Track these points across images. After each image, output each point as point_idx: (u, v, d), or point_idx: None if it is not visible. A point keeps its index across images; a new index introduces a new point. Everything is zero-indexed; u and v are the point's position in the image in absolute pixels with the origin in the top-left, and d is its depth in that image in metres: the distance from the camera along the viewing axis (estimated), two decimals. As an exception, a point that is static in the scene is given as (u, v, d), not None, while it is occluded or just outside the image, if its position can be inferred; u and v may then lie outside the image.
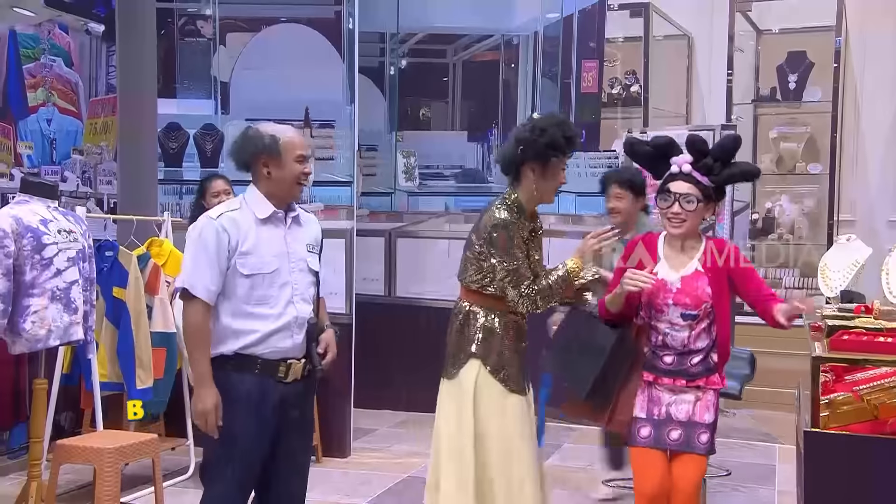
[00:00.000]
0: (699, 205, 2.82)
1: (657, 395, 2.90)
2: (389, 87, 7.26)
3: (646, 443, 2.88)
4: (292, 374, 2.80)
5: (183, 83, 6.35)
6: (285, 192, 2.82)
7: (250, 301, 2.75)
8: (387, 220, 6.90)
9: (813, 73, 6.76)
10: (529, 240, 3.04)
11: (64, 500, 3.95)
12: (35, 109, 4.99)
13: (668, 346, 2.88)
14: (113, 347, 4.34)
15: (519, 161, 2.98)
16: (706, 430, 2.83)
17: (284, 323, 2.78)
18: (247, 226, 2.77)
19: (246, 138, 2.82)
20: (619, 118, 7.33)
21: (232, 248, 2.74)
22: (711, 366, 2.87)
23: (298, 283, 2.82)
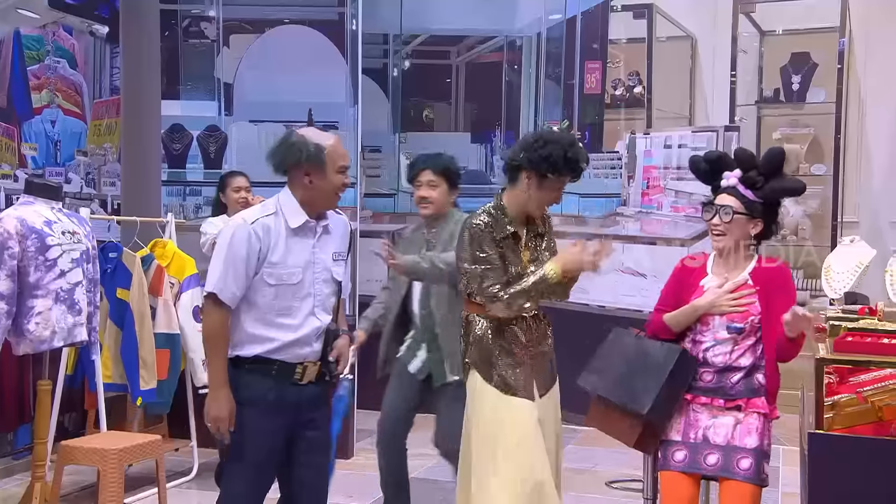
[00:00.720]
0: (739, 217, 2.77)
1: (695, 417, 2.81)
2: (392, 88, 7.26)
3: (680, 467, 2.78)
4: (307, 376, 2.79)
5: (186, 85, 6.35)
6: (323, 202, 2.80)
7: (273, 310, 2.74)
8: (390, 221, 6.90)
9: (816, 74, 6.75)
10: (511, 243, 2.97)
11: (68, 501, 3.97)
12: (39, 111, 5.01)
13: (708, 362, 2.81)
14: (117, 349, 4.35)
15: (516, 165, 2.96)
16: (747, 455, 2.70)
17: (305, 334, 2.77)
18: (278, 234, 2.74)
19: (290, 145, 2.76)
20: (622, 119, 7.32)
21: (262, 255, 2.71)
22: (755, 387, 2.78)
23: (321, 293, 2.81)
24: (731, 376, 2.78)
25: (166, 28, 5.95)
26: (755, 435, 2.73)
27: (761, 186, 2.80)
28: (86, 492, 4.20)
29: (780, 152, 2.86)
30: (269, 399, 2.75)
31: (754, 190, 2.80)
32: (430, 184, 3.49)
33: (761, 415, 2.75)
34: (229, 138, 6.22)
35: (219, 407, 2.71)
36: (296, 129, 2.86)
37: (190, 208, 6.13)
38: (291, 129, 2.87)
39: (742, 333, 2.77)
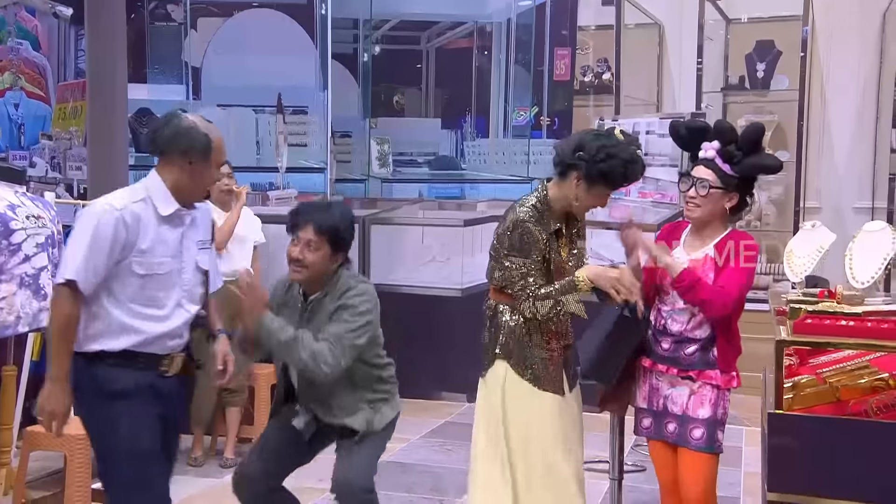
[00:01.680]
0: (714, 191, 2.77)
1: (656, 384, 2.88)
2: (363, 73, 7.23)
3: (647, 434, 2.90)
4: (174, 368, 2.68)
5: (154, 68, 6.29)
6: (196, 193, 2.67)
7: (139, 301, 2.58)
8: (361, 207, 6.88)
9: (781, 61, 6.83)
10: (554, 239, 2.93)
11: (34, 486, 3.90)
12: (2, 94, 4.93)
13: (667, 331, 2.85)
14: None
15: (570, 165, 2.85)
16: (700, 426, 2.77)
17: (174, 326, 2.65)
18: (147, 222, 2.57)
19: (182, 129, 2.60)
20: (591, 105, 7.36)
21: (129, 243, 2.54)
22: (710, 360, 2.79)
23: (188, 283, 2.69)
24: (687, 347, 2.81)
25: (132, 10, 5.87)
26: (708, 406, 2.78)
27: (739, 161, 2.79)
28: (52, 478, 4.13)
29: (759, 128, 2.86)
30: (139, 390, 2.60)
31: (732, 164, 2.79)
32: (309, 244, 2.84)
33: (714, 386, 2.80)
34: (198, 123, 6.15)
35: (58, 401, 2.54)
36: (185, 114, 2.68)
37: (158, 193, 6.08)
38: (179, 112, 2.69)
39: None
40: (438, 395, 6.17)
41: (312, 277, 2.87)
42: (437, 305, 6.11)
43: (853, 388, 2.63)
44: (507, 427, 2.94)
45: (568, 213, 2.97)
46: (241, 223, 4.74)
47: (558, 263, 2.93)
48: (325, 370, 2.78)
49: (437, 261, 6.37)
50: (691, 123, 3.00)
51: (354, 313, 2.86)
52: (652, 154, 5.72)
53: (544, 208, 2.90)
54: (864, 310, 2.76)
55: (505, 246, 2.89)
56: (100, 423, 2.63)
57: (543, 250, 2.88)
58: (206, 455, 4.69)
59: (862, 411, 2.59)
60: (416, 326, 6.06)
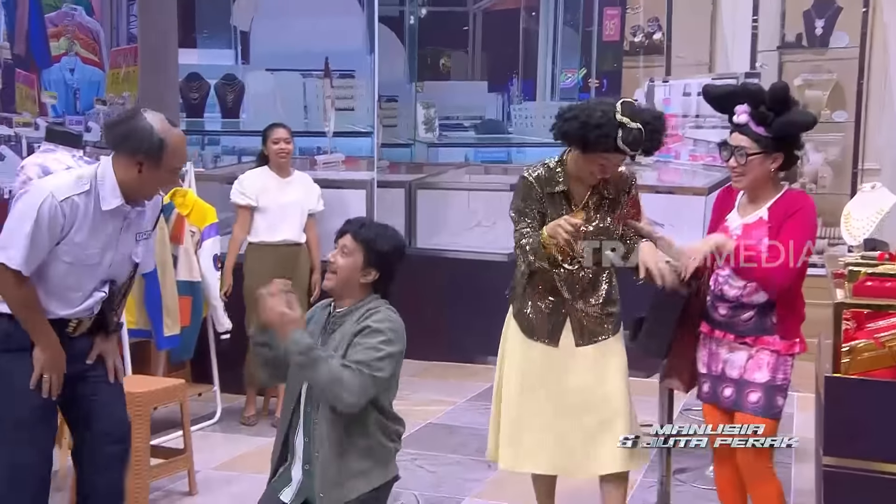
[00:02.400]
0: (753, 157, 2.70)
1: (716, 350, 2.84)
2: (409, 36, 7.19)
3: (705, 398, 2.88)
4: (80, 329, 2.69)
5: (203, 33, 6.32)
6: (144, 193, 2.63)
7: (62, 286, 2.60)
8: (407, 171, 6.90)
9: (841, 17, 6.59)
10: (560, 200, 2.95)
11: (96, 442, 4.02)
12: (58, 59, 5.00)
13: (724, 296, 2.79)
14: (140, 296, 4.37)
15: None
16: (756, 390, 2.72)
17: (88, 304, 2.66)
18: (86, 214, 2.55)
19: (134, 128, 2.55)
20: (640, 67, 7.20)
21: (63, 233, 2.53)
22: (768, 326, 2.73)
23: (114, 273, 2.70)
24: (743, 313, 2.76)
25: (182, -25, 5.91)
26: (766, 370, 2.73)
27: (771, 122, 2.71)
28: (113, 434, 4.27)
29: (782, 86, 2.78)
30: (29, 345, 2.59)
31: (766, 126, 2.71)
32: (343, 249, 2.69)
33: (773, 351, 2.73)
34: (246, 87, 6.20)
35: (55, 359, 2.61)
36: (146, 114, 2.60)
37: (209, 157, 6.16)
38: (141, 111, 2.62)
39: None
40: (483, 360, 6.19)
41: (340, 284, 2.71)
42: (482, 270, 6.11)
43: (913, 353, 2.59)
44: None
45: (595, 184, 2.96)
46: (295, 190, 4.75)
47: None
48: (347, 399, 2.53)
49: (483, 225, 6.38)
50: (719, 89, 2.92)
51: (382, 340, 2.61)
52: (703, 116, 5.63)
53: (557, 169, 2.96)
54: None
55: (511, 201, 3.04)
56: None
57: (538, 206, 2.94)
58: (258, 415, 4.80)
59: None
60: (462, 291, 6.08)
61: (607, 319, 3.03)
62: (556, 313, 3.01)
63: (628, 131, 2.76)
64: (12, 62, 4.68)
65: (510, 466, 3.09)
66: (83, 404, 2.74)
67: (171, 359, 4.73)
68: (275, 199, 4.68)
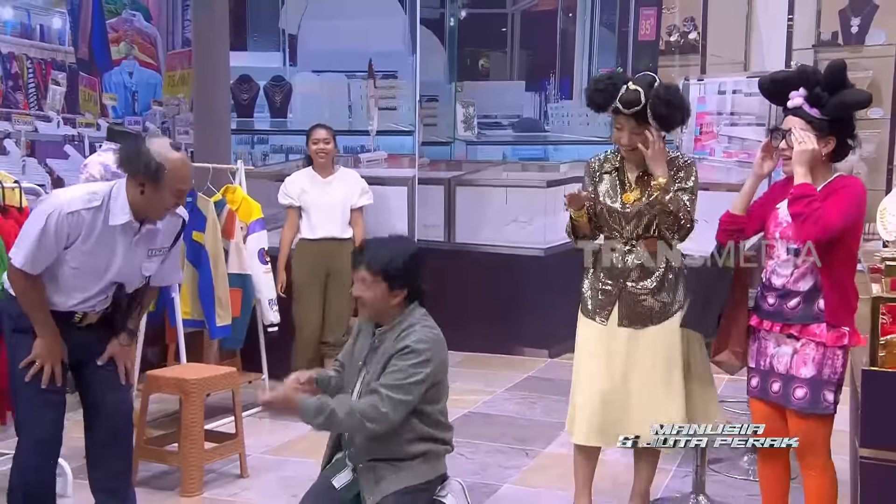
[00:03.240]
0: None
1: (764, 344, 2.76)
2: (449, 37, 7.17)
3: (754, 393, 2.80)
4: (88, 320, 2.81)
5: (253, 36, 6.38)
6: (151, 214, 2.75)
7: (70, 285, 2.74)
8: (446, 168, 6.89)
9: (877, 15, 6.45)
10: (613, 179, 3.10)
11: (153, 426, 4.09)
12: (118, 62, 5.08)
13: (771, 285, 2.71)
14: (194, 288, 4.44)
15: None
16: (802, 385, 2.64)
17: (94, 304, 2.79)
18: (93, 227, 2.69)
19: (136, 152, 2.71)
20: (676, 66, 7.12)
21: (70, 241, 2.68)
22: (814, 313, 2.63)
23: (122, 279, 2.80)
24: (790, 300, 2.68)
25: (233, -19, 5.98)
26: (811, 365, 2.64)
27: (826, 103, 2.62)
28: (169, 419, 4.33)
29: (840, 64, 2.67)
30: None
31: (821, 108, 2.62)
32: (364, 281, 2.65)
33: (819, 344, 2.64)
34: (293, 88, 6.25)
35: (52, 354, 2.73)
36: (152, 138, 2.81)
37: (258, 156, 6.22)
38: (145, 137, 2.84)
39: (799, 255, 2.65)
40: (521, 351, 6.20)
41: (374, 314, 2.71)
42: (520, 264, 6.11)
43: (950, 347, 2.53)
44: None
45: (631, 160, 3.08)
46: (335, 189, 4.77)
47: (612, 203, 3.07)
48: (375, 429, 2.57)
49: (520, 221, 6.36)
50: (775, 75, 2.84)
51: (418, 363, 2.59)
52: (738, 113, 5.53)
53: (615, 152, 3.13)
54: (963, 267, 2.64)
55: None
56: (9, 352, 2.80)
57: (593, 185, 3.12)
58: (305, 402, 4.85)
59: (960, 369, 2.50)
60: (500, 285, 6.08)
61: (656, 305, 3.03)
62: (608, 294, 3.05)
63: (629, 92, 2.93)
64: (76, 66, 4.78)
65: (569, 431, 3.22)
66: (88, 386, 2.88)
67: (222, 348, 4.80)
68: (315, 198, 4.72)
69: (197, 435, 3.56)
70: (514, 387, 5.34)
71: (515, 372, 5.67)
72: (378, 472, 2.66)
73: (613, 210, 3.06)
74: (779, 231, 2.71)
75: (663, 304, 3.04)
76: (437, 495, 2.81)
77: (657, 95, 2.93)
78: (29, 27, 4.53)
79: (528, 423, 4.60)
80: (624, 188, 3.06)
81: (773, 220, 2.75)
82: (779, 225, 2.72)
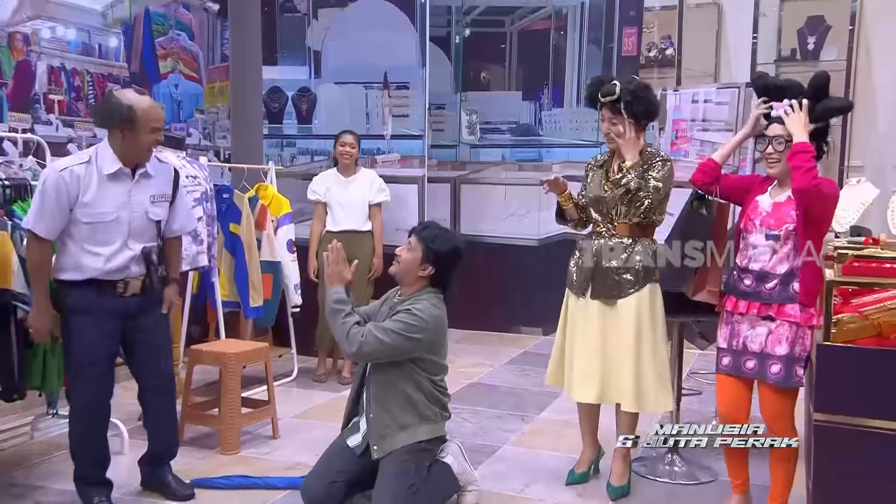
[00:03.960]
0: (790, 143, 2.60)
1: (737, 327, 2.73)
2: (455, 53, 7.16)
3: (725, 370, 2.76)
4: (130, 290, 2.80)
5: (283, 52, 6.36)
6: (135, 155, 2.75)
7: (90, 242, 2.72)
8: (452, 168, 6.89)
9: (830, 34, 6.45)
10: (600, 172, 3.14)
11: (197, 393, 4.11)
12: (165, 76, 5.08)
13: (749, 268, 2.69)
14: (231, 273, 4.47)
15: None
16: (777, 362, 2.62)
17: (122, 262, 2.77)
18: (89, 179, 2.69)
19: (108, 104, 2.74)
20: (655, 78, 7.09)
21: (72, 198, 2.67)
22: (790, 294, 2.62)
23: (137, 229, 2.78)
24: (768, 282, 2.65)
25: (266, 4, 5.94)
26: (785, 343, 2.63)
27: (812, 110, 2.61)
28: (210, 387, 4.36)
29: (825, 76, 2.67)
30: (93, 307, 2.75)
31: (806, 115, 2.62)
32: (409, 245, 2.85)
33: (792, 324, 2.63)
34: (318, 98, 6.24)
35: (42, 321, 2.76)
36: (116, 91, 2.79)
37: (287, 157, 6.21)
38: (113, 91, 2.78)
39: (779, 241, 2.64)
40: (518, 329, 6.21)
41: (401, 272, 2.84)
42: (517, 253, 6.12)
43: (893, 324, 2.53)
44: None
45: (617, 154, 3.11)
46: (356, 187, 4.77)
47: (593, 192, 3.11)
48: (346, 349, 2.72)
49: (517, 215, 6.36)
50: (769, 80, 2.82)
51: (412, 326, 2.70)
52: (709, 120, 5.51)
53: (606, 152, 3.18)
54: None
55: None
56: (64, 332, 2.82)
57: (585, 180, 3.18)
58: (328, 374, 4.87)
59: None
60: (500, 271, 6.09)
61: (624, 282, 3.03)
62: (588, 271, 3.07)
63: (608, 85, 3.01)
64: (129, 79, 4.79)
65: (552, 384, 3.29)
66: (135, 353, 2.91)
67: (255, 326, 4.82)
68: (338, 196, 4.73)
69: (234, 401, 3.59)
70: (512, 361, 5.35)
71: (513, 348, 5.68)
72: (385, 431, 2.75)
73: (598, 197, 3.08)
74: (759, 219, 2.69)
75: (630, 281, 3.04)
76: (438, 455, 2.86)
77: (628, 89, 2.99)
78: (89, 46, 4.54)
79: (524, 392, 4.61)
80: (608, 177, 3.08)
81: (752, 209, 2.73)
82: (759, 214, 2.70)
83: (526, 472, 3.38)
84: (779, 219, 2.65)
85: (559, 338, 3.19)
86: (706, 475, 3.30)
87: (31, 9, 4.19)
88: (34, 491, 3.10)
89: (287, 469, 3.37)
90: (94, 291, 2.75)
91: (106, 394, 2.85)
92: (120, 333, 2.84)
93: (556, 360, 3.22)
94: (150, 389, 2.97)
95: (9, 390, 3.04)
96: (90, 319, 2.76)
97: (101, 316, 2.77)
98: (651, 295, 3.03)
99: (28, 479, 3.22)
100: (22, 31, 4.14)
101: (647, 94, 3.03)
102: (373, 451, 2.77)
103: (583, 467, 3.26)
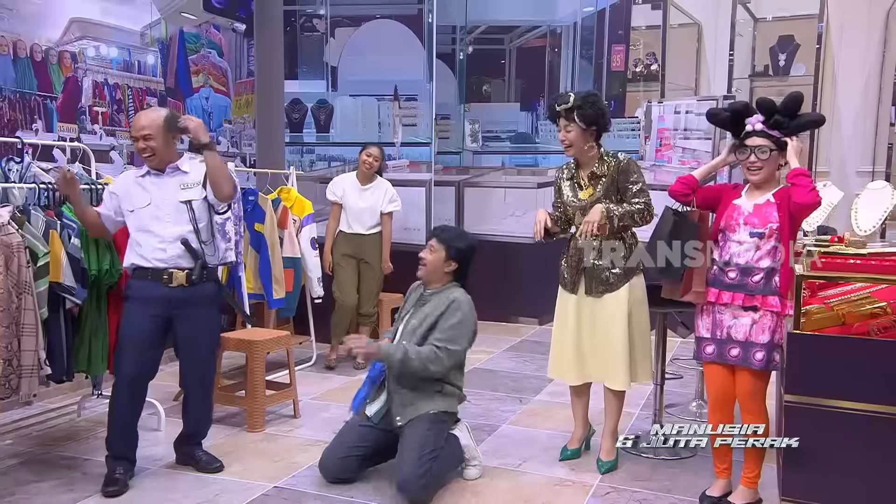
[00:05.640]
0: (773, 153, 2.63)
1: (720, 318, 2.70)
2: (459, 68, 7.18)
3: (710, 358, 2.73)
4: (176, 280, 2.87)
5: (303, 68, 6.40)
6: (148, 161, 2.93)
7: (136, 229, 2.91)
8: (457, 173, 6.91)
9: (799, 52, 6.48)
10: (571, 183, 3.07)
11: (225, 377, 4.12)
12: (197, 90, 5.09)
13: (733, 262, 2.65)
14: (255, 268, 4.45)
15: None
16: (761, 350, 2.60)
17: (158, 241, 2.87)
18: (126, 181, 2.98)
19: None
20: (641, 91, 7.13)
21: (117, 196, 2.95)
22: (773, 287, 2.59)
23: (170, 212, 2.89)
24: (753, 275, 2.64)
25: (288, 24, 5.98)
26: (767, 332, 2.62)
27: (787, 126, 2.63)
28: (237, 371, 4.37)
29: (799, 95, 2.68)
30: (141, 295, 2.87)
31: (780, 130, 2.64)
32: (431, 247, 2.94)
33: (774, 313, 2.62)
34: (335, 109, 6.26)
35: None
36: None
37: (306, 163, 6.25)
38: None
39: (763, 238, 2.62)
40: (516, 319, 6.22)
41: (429, 273, 2.94)
42: (515, 250, 6.12)
43: (856, 314, 2.55)
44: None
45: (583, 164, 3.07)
46: (370, 196, 4.73)
47: (568, 201, 3.06)
48: (433, 369, 2.78)
49: (515, 215, 6.37)
50: (735, 105, 2.78)
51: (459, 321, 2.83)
52: (690, 129, 5.52)
53: (569, 162, 3.10)
54: (867, 251, 2.65)
55: None
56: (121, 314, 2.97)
57: (557, 192, 3.11)
58: (338, 360, 4.86)
59: (865, 332, 2.51)
60: (500, 266, 6.09)
61: (611, 278, 3.02)
62: (576, 270, 3.05)
63: (563, 95, 2.96)
64: (165, 93, 4.81)
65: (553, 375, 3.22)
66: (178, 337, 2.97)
67: (278, 316, 4.83)
68: (352, 201, 4.72)
69: (259, 384, 3.60)
70: (511, 348, 5.35)
71: (512, 336, 5.68)
72: (407, 398, 2.83)
73: (576, 206, 3.04)
74: (742, 218, 2.67)
75: (617, 276, 3.04)
76: (451, 430, 2.90)
77: (579, 96, 2.95)
78: (130, 63, 4.56)
79: (522, 376, 4.62)
80: (581, 187, 3.05)
81: (734, 210, 2.70)
82: (742, 214, 2.68)
83: (523, 448, 3.39)
84: (763, 218, 2.65)
85: (556, 333, 3.18)
86: (686, 451, 3.32)
87: (78, 30, 4.23)
88: (82, 463, 3.13)
89: (307, 445, 3.39)
90: (143, 279, 2.90)
91: (152, 370, 2.92)
92: (163, 322, 2.91)
93: (557, 354, 3.18)
94: (188, 377, 3.01)
95: (59, 372, 3.06)
96: (135, 305, 2.89)
97: (144, 302, 2.88)
98: (637, 285, 3.05)
99: (76, 452, 3.25)
100: (70, 50, 4.17)
101: (597, 101, 2.99)
102: (395, 421, 2.83)
103: (575, 444, 3.28)
